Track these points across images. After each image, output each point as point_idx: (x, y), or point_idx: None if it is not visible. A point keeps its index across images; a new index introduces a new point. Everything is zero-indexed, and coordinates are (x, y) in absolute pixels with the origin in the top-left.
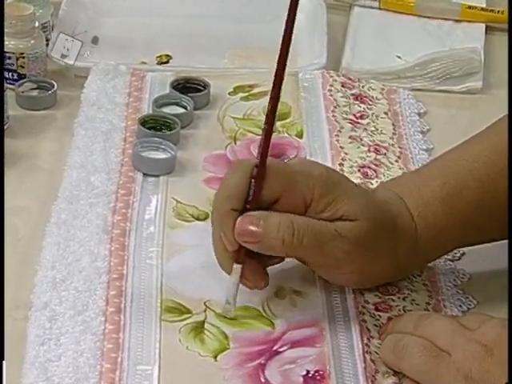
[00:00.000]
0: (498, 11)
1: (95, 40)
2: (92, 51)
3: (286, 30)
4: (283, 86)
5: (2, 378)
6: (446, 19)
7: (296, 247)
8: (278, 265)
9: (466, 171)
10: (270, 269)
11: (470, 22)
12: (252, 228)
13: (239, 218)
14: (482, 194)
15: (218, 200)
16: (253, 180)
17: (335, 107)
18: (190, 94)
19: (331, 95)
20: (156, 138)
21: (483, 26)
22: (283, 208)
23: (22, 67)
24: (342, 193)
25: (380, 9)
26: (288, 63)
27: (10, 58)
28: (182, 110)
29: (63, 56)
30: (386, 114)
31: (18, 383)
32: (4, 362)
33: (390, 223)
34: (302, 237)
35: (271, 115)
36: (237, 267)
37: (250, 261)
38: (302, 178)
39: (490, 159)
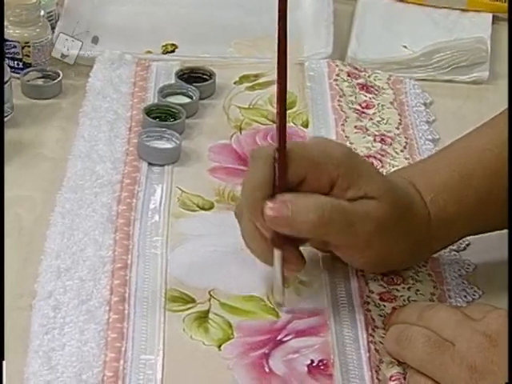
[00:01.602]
0: (505, 1)
1: (95, 40)
2: (94, 46)
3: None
4: (289, 74)
5: (1, 378)
6: (452, 9)
7: (325, 228)
8: None
9: (475, 160)
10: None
11: (476, 11)
12: (281, 212)
13: (267, 204)
14: (491, 182)
15: (247, 191)
16: (276, 165)
17: (341, 97)
18: (195, 84)
19: (337, 85)
20: (161, 128)
21: (490, 15)
22: (309, 188)
23: (28, 56)
24: (364, 171)
25: None
26: (294, 52)
27: (15, 46)
28: (187, 100)
29: (63, 56)
30: (391, 103)
31: (21, 372)
32: (4, 362)
33: (407, 204)
34: (330, 217)
35: (281, 97)
36: (278, 253)
37: (286, 245)
38: (325, 158)
39: (498, 148)
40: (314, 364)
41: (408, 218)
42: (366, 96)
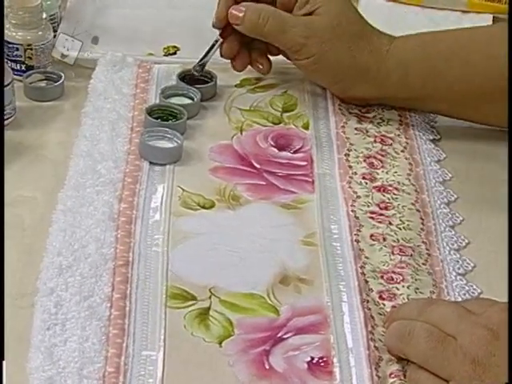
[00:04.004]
0: (505, 2)
1: (95, 40)
2: (98, 44)
3: None
4: (289, 77)
5: (1, 378)
6: (453, 10)
7: (262, 28)
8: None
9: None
10: (273, 256)
11: (477, 12)
12: (237, 12)
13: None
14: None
15: None
16: None
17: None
18: (196, 86)
19: None
20: (162, 128)
21: (490, 16)
22: (281, 1)
23: (30, 58)
24: None
25: (387, 0)
26: None
27: (17, 49)
28: (188, 101)
29: (63, 56)
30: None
31: (23, 368)
32: (4, 362)
33: (358, 30)
34: (265, 19)
35: None
36: (218, 41)
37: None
38: None
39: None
40: (314, 361)
41: (352, 39)
42: None
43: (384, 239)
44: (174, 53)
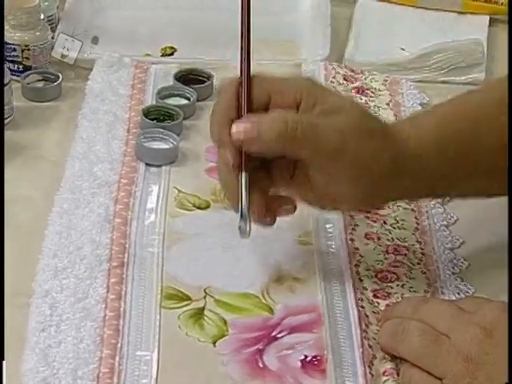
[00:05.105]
0: (502, 3)
1: (95, 40)
2: (98, 45)
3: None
4: (286, 77)
5: (1, 378)
6: (449, 11)
7: (291, 140)
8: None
9: (460, 118)
10: (268, 255)
11: (473, 13)
12: (247, 127)
13: (234, 122)
14: (471, 143)
15: (216, 115)
16: (240, 89)
17: None
18: (193, 86)
19: (333, 87)
20: (158, 129)
21: (487, 17)
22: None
23: (28, 59)
24: (327, 89)
25: (383, 1)
26: (291, 54)
27: (15, 49)
28: (185, 102)
29: (63, 56)
30: (387, 104)
31: (18, 369)
32: (4, 362)
33: (378, 124)
34: (295, 128)
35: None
36: (244, 176)
37: (256, 192)
38: (286, 81)
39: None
40: (308, 360)
41: (378, 134)
42: (361, 99)
43: (378, 238)
44: (171, 53)
